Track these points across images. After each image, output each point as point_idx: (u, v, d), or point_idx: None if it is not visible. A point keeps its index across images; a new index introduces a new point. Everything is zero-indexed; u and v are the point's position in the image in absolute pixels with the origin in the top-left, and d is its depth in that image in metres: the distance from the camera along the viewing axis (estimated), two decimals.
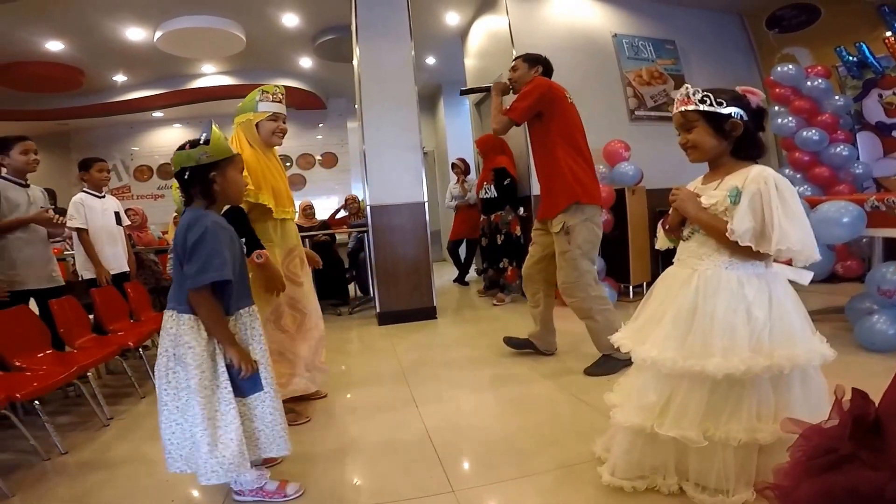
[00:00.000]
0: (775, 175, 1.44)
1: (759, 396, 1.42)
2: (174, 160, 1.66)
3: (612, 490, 1.58)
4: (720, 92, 1.51)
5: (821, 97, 5.04)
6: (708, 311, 1.45)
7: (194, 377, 1.57)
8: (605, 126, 5.22)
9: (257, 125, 2.35)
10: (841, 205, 2.86)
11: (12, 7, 4.64)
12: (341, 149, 9.45)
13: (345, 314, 5.32)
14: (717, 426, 1.41)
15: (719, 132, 1.50)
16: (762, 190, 1.41)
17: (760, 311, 1.43)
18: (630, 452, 1.57)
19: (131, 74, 7.07)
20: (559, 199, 2.81)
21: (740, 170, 1.50)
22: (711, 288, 1.46)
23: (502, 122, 2.85)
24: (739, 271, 1.47)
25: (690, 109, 1.52)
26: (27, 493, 1.93)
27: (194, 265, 1.55)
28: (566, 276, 2.81)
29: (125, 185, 8.96)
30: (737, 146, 1.52)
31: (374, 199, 4.61)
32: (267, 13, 5.62)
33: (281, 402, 1.77)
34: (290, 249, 2.51)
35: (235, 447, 1.58)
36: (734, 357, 1.38)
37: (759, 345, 1.41)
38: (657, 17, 5.77)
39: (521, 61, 2.98)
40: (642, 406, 1.53)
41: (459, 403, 2.60)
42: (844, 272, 4.53)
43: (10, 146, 3.02)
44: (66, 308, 3.05)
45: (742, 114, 1.49)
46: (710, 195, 1.52)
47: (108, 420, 2.62)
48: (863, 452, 0.94)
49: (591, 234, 2.80)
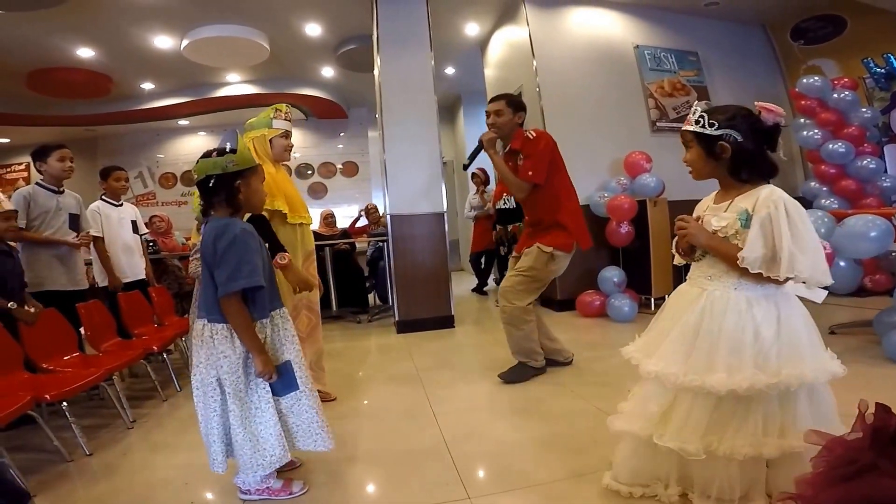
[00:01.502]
0: (786, 198, 1.42)
1: (766, 412, 1.42)
2: (198, 168, 1.68)
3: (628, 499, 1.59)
4: (718, 112, 1.51)
5: (847, 109, 4.96)
6: (714, 328, 1.46)
7: (231, 384, 1.63)
8: (627, 137, 5.22)
9: (271, 141, 2.52)
10: (868, 219, 2.81)
11: (45, 14, 4.79)
12: (362, 158, 9.53)
13: (364, 322, 5.34)
14: (722, 440, 1.42)
15: (710, 154, 1.51)
16: (772, 214, 1.40)
17: (768, 331, 1.43)
18: (631, 459, 1.60)
19: (158, 82, 7.23)
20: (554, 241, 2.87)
21: (750, 191, 1.49)
22: (719, 308, 1.47)
23: (524, 189, 2.88)
24: (749, 292, 1.47)
25: (687, 129, 1.55)
26: (48, 493, 1.96)
27: (224, 272, 1.59)
28: (516, 284, 2.91)
29: (150, 192, 9.13)
30: (733, 168, 1.50)
31: (393, 209, 4.64)
32: (290, 23, 5.72)
33: (318, 400, 1.84)
34: (308, 253, 2.65)
35: (275, 442, 1.68)
36: (737, 374, 1.39)
37: (766, 363, 1.41)
38: (679, 29, 5.74)
39: (504, 105, 2.92)
40: (642, 414, 1.56)
41: (476, 411, 2.59)
42: (873, 286, 4.44)
43: (48, 153, 3.13)
44: (92, 312, 3.12)
45: (735, 136, 1.46)
46: (721, 217, 1.52)
47: (131, 423, 2.66)
48: (883, 462, 0.97)
49: (560, 269, 2.96)
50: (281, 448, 1.69)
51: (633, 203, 4.56)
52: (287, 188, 2.56)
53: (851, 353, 2.95)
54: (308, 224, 2.68)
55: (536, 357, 2.96)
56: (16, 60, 5.86)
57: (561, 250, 2.88)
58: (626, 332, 4.10)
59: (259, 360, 1.65)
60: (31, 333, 2.60)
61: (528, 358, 2.95)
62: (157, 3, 4.96)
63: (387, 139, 4.70)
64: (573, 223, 2.92)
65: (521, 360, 2.98)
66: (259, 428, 1.68)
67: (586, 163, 4.97)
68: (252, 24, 5.71)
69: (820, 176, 5.05)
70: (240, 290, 1.60)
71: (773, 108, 1.48)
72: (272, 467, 1.71)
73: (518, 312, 2.90)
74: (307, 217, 2.65)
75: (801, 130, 5.05)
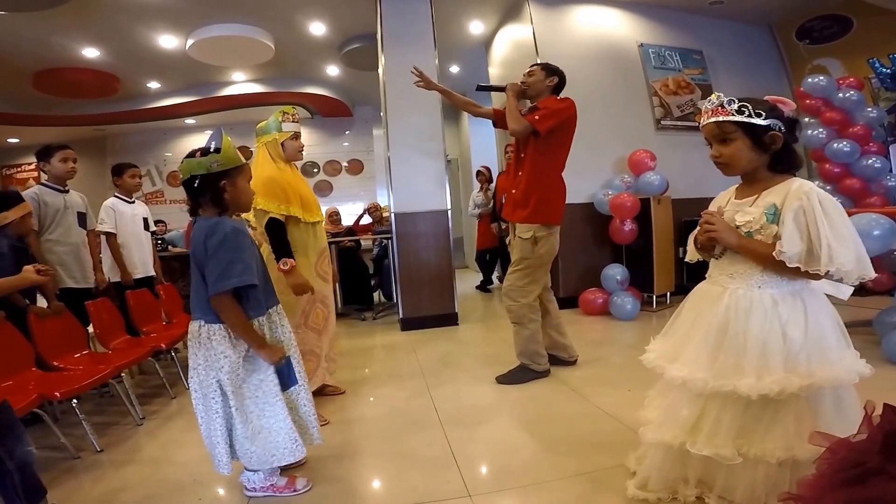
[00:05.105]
0: (818, 190, 1.36)
1: (798, 413, 1.37)
2: (183, 168, 1.66)
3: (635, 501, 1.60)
4: (757, 102, 1.42)
5: (853, 109, 4.94)
6: (740, 330, 1.41)
7: (234, 383, 1.64)
8: (631, 135, 5.22)
9: (283, 144, 2.57)
10: (871, 217, 2.81)
11: (50, 14, 4.82)
12: (367, 156, 9.56)
13: (368, 319, 5.38)
14: (752, 443, 1.39)
15: (759, 145, 1.42)
16: (805, 206, 1.34)
17: (797, 331, 1.38)
18: (662, 469, 1.56)
19: (165, 82, 7.26)
20: (539, 215, 2.86)
21: (779, 185, 1.43)
22: (743, 307, 1.42)
23: (524, 126, 2.84)
24: (773, 290, 1.42)
25: (727, 120, 1.42)
26: (58, 489, 2.00)
27: (214, 271, 1.58)
28: (516, 280, 2.92)
29: (159, 190, 9.20)
30: (775, 159, 1.44)
31: (398, 207, 4.67)
32: (295, 22, 5.74)
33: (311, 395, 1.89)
34: (321, 250, 2.72)
35: (287, 435, 1.71)
36: (767, 377, 1.35)
37: (796, 365, 1.36)
38: (684, 27, 5.73)
39: (538, 69, 2.99)
40: (674, 423, 1.52)
41: (478, 409, 2.62)
42: (874, 285, 4.41)
43: (51, 154, 3.17)
44: (101, 310, 3.17)
45: (781, 125, 1.40)
46: (746, 212, 1.45)
47: (141, 419, 2.71)
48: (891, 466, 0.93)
49: (552, 248, 2.92)
50: (293, 442, 1.71)
51: (636, 201, 4.56)
52: (302, 189, 2.61)
53: None
54: (321, 221, 2.74)
55: (539, 360, 2.96)
56: (22, 61, 5.91)
57: (540, 223, 2.84)
58: (629, 329, 4.13)
59: (263, 354, 1.67)
60: (43, 332, 2.65)
61: (530, 360, 2.96)
62: (161, 2, 4.98)
63: (391, 137, 4.72)
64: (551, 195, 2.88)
65: (523, 362, 2.98)
66: (271, 423, 1.70)
67: (590, 160, 4.98)
68: (257, 23, 5.73)
69: (824, 175, 5.04)
70: (231, 288, 1.59)
71: (786, 101, 1.44)
72: (286, 460, 1.73)
73: (525, 310, 2.91)
74: (320, 215, 2.72)
75: (806, 129, 5.03)
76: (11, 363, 2.41)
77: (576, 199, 4.59)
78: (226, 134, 1.71)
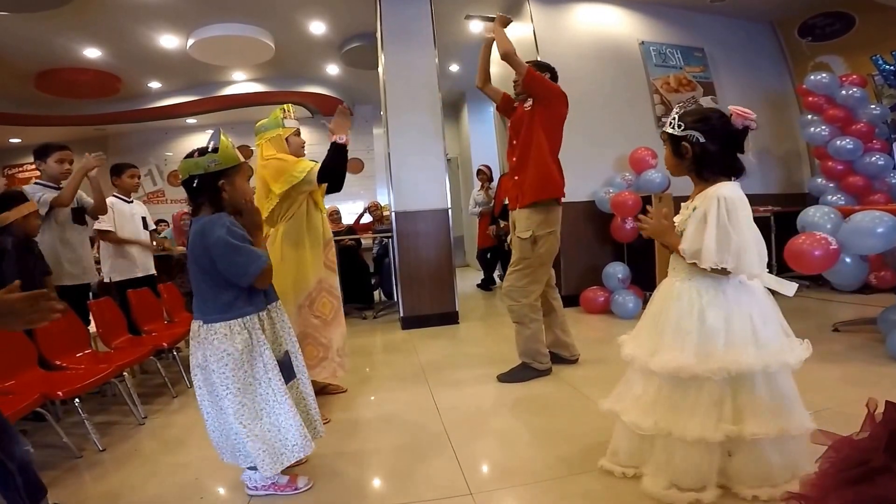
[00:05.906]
0: (726, 194, 1.50)
1: (719, 396, 1.49)
2: (182, 168, 1.67)
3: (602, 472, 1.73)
4: (689, 115, 1.61)
5: (856, 106, 4.93)
6: (666, 314, 1.60)
7: (237, 380, 1.64)
8: (632, 133, 5.21)
9: (287, 139, 2.60)
10: (875, 215, 2.79)
11: (52, 15, 4.83)
12: (367, 155, 9.56)
13: (369, 318, 5.38)
14: (676, 422, 1.51)
15: (676, 153, 1.64)
16: (707, 210, 1.50)
17: (715, 318, 1.51)
18: (623, 440, 1.73)
19: (166, 81, 7.27)
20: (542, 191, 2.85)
21: (707, 189, 1.57)
22: (674, 295, 1.60)
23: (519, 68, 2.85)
24: (700, 283, 1.57)
25: (663, 129, 1.67)
26: (60, 488, 2.00)
27: (234, 267, 1.60)
28: (516, 280, 2.92)
29: (160, 190, 9.22)
30: (696, 167, 1.60)
31: (398, 206, 4.67)
32: (295, 21, 5.74)
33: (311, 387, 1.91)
34: (328, 241, 2.76)
35: (296, 430, 1.71)
36: (680, 357, 1.50)
37: (712, 348, 1.49)
38: (685, 25, 5.72)
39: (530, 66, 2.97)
40: (627, 396, 1.72)
41: (480, 407, 2.61)
42: (878, 283, 4.41)
43: (48, 153, 3.17)
44: (103, 309, 3.17)
45: (698, 137, 1.56)
46: (682, 213, 1.64)
47: (142, 418, 2.71)
48: None
49: (552, 248, 2.92)
50: (303, 437, 1.71)
51: (637, 199, 4.55)
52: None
53: (855, 351, 2.95)
54: (325, 214, 2.80)
55: (541, 359, 2.96)
56: (24, 61, 5.93)
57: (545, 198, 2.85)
58: (631, 328, 4.08)
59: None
60: (45, 331, 2.64)
61: (532, 359, 2.96)
62: (162, 2, 4.99)
63: (391, 136, 4.72)
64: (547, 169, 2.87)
65: (524, 361, 2.98)
66: (279, 419, 1.69)
67: (592, 158, 4.99)
68: (257, 22, 5.73)
69: (827, 172, 5.03)
70: (259, 270, 1.63)
71: (744, 112, 1.57)
72: (296, 456, 1.72)
73: (526, 310, 2.91)
74: (324, 209, 2.78)
75: (809, 127, 5.02)
76: (14, 362, 2.41)
77: (577, 197, 4.59)
78: (226, 133, 1.72)
